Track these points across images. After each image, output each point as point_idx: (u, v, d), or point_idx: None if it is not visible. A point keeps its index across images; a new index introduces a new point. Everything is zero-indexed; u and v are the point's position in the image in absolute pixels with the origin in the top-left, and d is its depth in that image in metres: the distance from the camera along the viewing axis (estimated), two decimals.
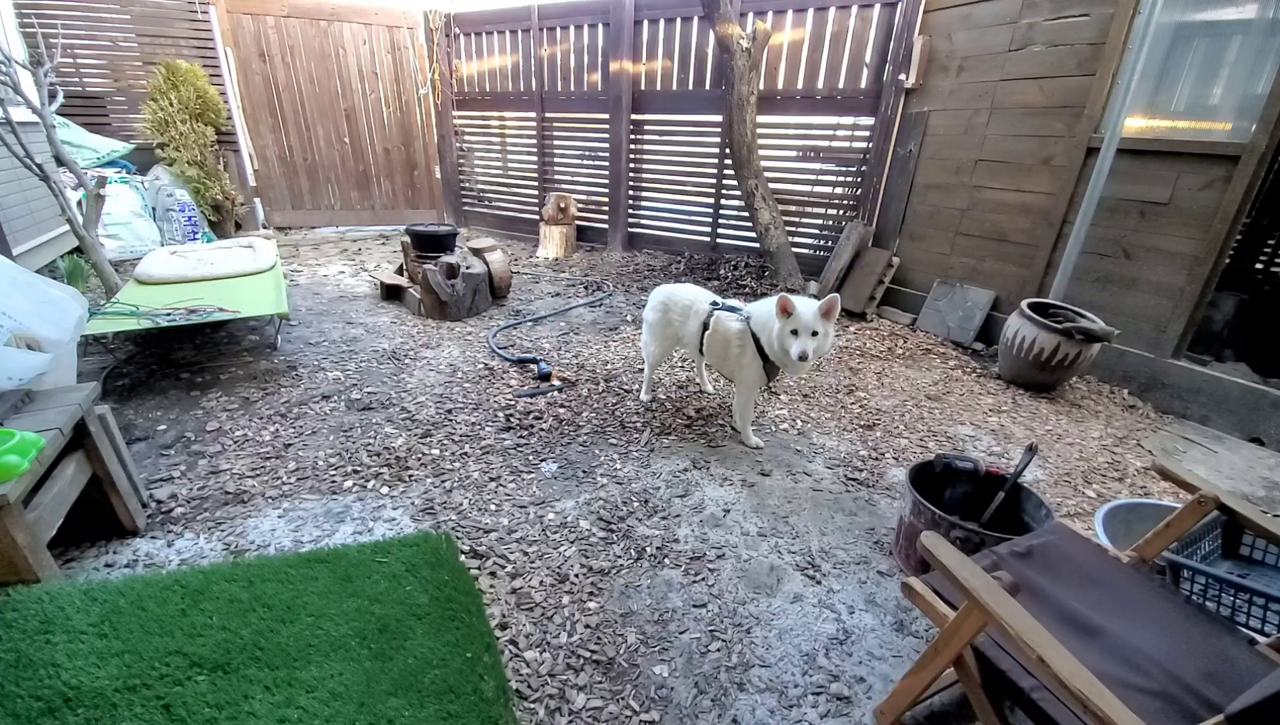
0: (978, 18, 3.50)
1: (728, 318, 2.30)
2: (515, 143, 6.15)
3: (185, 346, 3.04)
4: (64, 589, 1.38)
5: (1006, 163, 3.46)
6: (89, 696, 1.15)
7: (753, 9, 4.42)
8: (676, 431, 2.49)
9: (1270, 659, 1.10)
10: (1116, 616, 1.17)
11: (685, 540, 1.85)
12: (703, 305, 2.40)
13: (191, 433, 2.28)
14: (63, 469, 1.51)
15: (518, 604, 1.58)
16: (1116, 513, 1.71)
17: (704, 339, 2.35)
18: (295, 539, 1.77)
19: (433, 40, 6.03)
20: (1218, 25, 2.78)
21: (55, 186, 3.01)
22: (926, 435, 2.57)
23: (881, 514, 2.04)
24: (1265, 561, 1.45)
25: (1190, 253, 2.81)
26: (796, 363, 2.03)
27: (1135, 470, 2.39)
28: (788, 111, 4.56)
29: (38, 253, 3.89)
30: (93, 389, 1.66)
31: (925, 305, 3.90)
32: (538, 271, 4.94)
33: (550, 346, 3.33)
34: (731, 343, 2.29)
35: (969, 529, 1.55)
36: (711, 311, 2.35)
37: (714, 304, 2.38)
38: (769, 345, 2.15)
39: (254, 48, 5.49)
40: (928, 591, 1.19)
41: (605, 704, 1.32)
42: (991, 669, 1.08)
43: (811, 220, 4.63)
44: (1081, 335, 2.80)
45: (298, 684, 1.21)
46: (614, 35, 5.05)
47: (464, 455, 2.24)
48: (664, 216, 5.49)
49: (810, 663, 1.46)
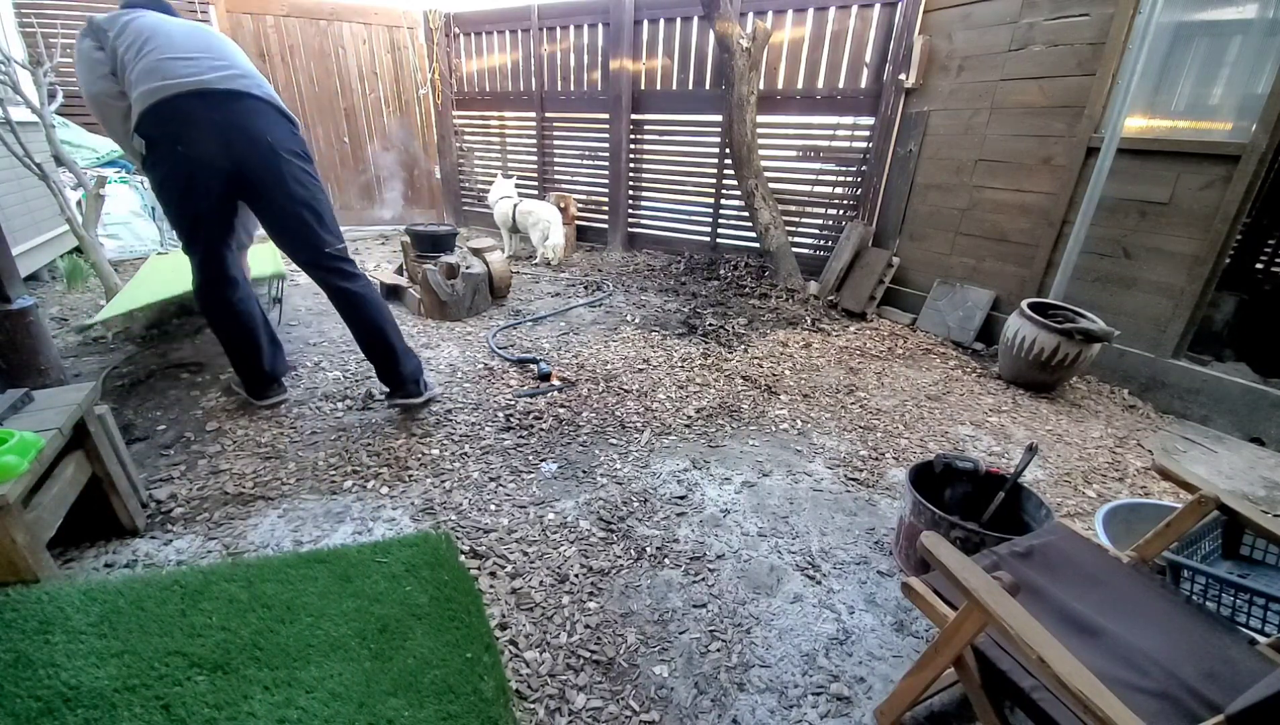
0: (978, 17, 3.50)
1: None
2: (515, 142, 6.15)
3: (185, 346, 3.04)
4: (63, 589, 1.38)
5: (1006, 162, 3.46)
6: (88, 696, 1.15)
7: (753, 9, 4.42)
8: (676, 431, 2.49)
9: (1270, 659, 1.10)
10: (1117, 616, 1.17)
11: (685, 540, 1.85)
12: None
13: (191, 433, 2.28)
14: (62, 469, 1.51)
15: (517, 604, 1.58)
16: (1116, 513, 1.71)
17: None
18: (295, 539, 1.77)
19: (432, 40, 6.03)
20: (1218, 25, 2.78)
21: (55, 186, 3.01)
22: (926, 435, 2.57)
23: (881, 514, 2.04)
24: (1265, 561, 1.45)
25: (1190, 253, 2.81)
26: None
27: (1135, 470, 2.39)
28: (788, 111, 4.56)
29: (37, 253, 3.89)
30: (93, 389, 1.65)
31: (925, 305, 3.90)
32: (537, 271, 4.93)
33: (550, 346, 3.32)
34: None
35: (969, 529, 1.55)
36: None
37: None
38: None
39: (253, 47, 5.49)
40: (928, 591, 1.19)
41: (605, 704, 1.32)
42: (992, 669, 1.08)
43: (811, 220, 4.63)
44: (1081, 335, 2.80)
45: (297, 684, 1.20)
46: (614, 35, 5.05)
47: (464, 455, 2.24)
48: (664, 216, 5.49)
49: (810, 663, 1.46)
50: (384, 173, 6.37)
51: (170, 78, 1.87)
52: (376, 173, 6.32)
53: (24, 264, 3.55)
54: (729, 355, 3.28)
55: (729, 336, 3.53)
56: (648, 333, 3.58)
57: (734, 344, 3.43)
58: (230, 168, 1.98)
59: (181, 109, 1.88)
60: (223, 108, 1.93)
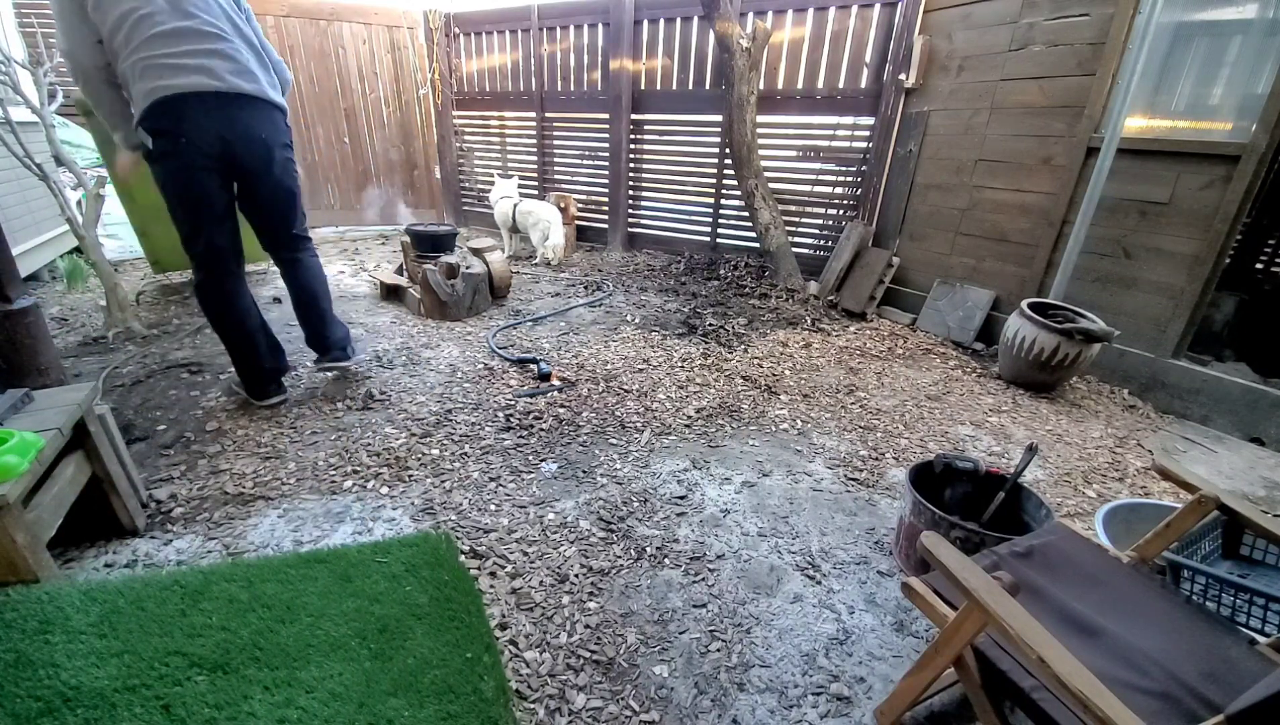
0: (978, 17, 3.50)
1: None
2: (515, 142, 6.15)
3: (185, 346, 3.04)
4: (63, 589, 1.38)
5: (1006, 162, 3.46)
6: (88, 696, 1.15)
7: (753, 8, 4.42)
8: (676, 431, 2.49)
9: (1270, 659, 1.10)
10: (1117, 617, 1.17)
11: (685, 540, 1.85)
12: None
13: (191, 433, 2.28)
14: (62, 469, 1.51)
15: (517, 604, 1.58)
16: (1116, 513, 1.71)
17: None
18: (295, 539, 1.77)
19: (432, 40, 6.03)
20: (1218, 25, 2.78)
21: (55, 186, 3.00)
22: (926, 435, 2.57)
23: (881, 514, 2.04)
24: (1265, 561, 1.45)
25: (1190, 253, 2.81)
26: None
27: (1135, 470, 2.39)
28: (788, 111, 4.56)
29: (38, 252, 3.89)
30: (92, 389, 1.66)
31: (925, 305, 3.90)
32: (537, 271, 4.93)
33: (550, 346, 3.32)
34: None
35: (969, 529, 1.55)
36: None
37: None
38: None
39: None
40: (928, 591, 1.19)
41: (605, 704, 1.32)
42: (992, 669, 1.08)
43: (811, 220, 4.63)
44: (1081, 335, 2.80)
45: (297, 684, 1.20)
46: (614, 35, 5.05)
47: (464, 455, 2.24)
48: (664, 216, 5.49)
49: (810, 663, 1.46)
50: (384, 173, 6.37)
51: (172, 78, 1.96)
52: (376, 173, 6.32)
53: (24, 264, 3.55)
54: (729, 355, 3.28)
55: (729, 336, 3.53)
56: (648, 333, 3.58)
57: (734, 344, 3.43)
58: (228, 159, 2.12)
59: (185, 107, 2.00)
60: (224, 109, 2.06)
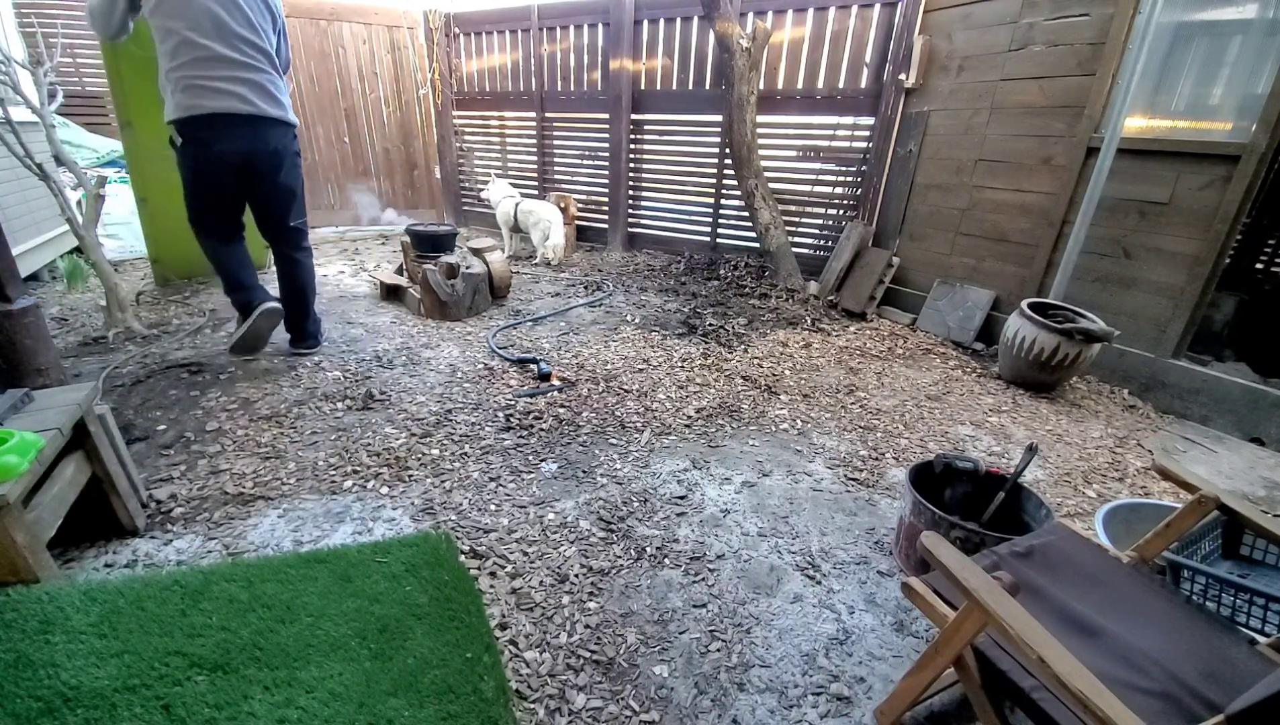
0: (978, 17, 3.50)
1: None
2: (515, 142, 6.15)
3: (185, 346, 3.04)
4: (63, 589, 1.38)
5: (1006, 162, 3.46)
6: (88, 697, 1.15)
7: (753, 8, 4.42)
8: (676, 431, 2.49)
9: (1270, 659, 1.10)
10: (1117, 617, 1.17)
11: (685, 540, 1.85)
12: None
13: (191, 433, 2.28)
14: (62, 469, 1.51)
15: (517, 604, 1.58)
16: (1116, 513, 1.71)
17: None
18: (295, 539, 1.77)
19: (432, 40, 6.04)
20: (1218, 25, 2.78)
21: (55, 186, 3.00)
22: (926, 435, 2.57)
23: (881, 514, 2.04)
24: (1265, 561, 1.45)
25: (1190, 253, 2.81)
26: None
27: (1135, 470, 2.39)
28: (788, 111, 4.56)
29: (38, 252, 3.89)
30: (92, 389, 1.66)
31: (925, 305, 3.90)
32: (537, 271, 4.93)
33: (550, 346, 3.32)
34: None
35: (969, 529, 1.55)
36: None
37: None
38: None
39: None
40: (928, 591, 1.19)
41: (605, 704, 1.32)
42: (992, 669, 1.08)
43: (811, 220, 4.63)
44: (1081, 335, 2.80)
45: (297, 684, 1.20)
46: (614, 35, 5.05)
47: (464, 455, 2.24)
48: (664, 216, 5.50)
49: (810, 663, 1.46)
50: (384, 173, 6.37)
51: (209, 100, 2.42)
52: (376, 173, 6.32)
53: (24, 264, 3.55)
54: (729, 355, 3.28)
55: (729, 336, 3.53)
56: (648, 333, 3.58)
57: (734, 344, 3.43)
58: (245, 165, 2.57)
59: (216, 124, 2.46)
60: (251, 127, 2.53)
